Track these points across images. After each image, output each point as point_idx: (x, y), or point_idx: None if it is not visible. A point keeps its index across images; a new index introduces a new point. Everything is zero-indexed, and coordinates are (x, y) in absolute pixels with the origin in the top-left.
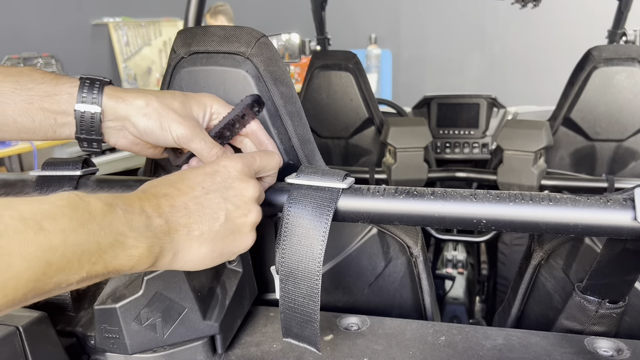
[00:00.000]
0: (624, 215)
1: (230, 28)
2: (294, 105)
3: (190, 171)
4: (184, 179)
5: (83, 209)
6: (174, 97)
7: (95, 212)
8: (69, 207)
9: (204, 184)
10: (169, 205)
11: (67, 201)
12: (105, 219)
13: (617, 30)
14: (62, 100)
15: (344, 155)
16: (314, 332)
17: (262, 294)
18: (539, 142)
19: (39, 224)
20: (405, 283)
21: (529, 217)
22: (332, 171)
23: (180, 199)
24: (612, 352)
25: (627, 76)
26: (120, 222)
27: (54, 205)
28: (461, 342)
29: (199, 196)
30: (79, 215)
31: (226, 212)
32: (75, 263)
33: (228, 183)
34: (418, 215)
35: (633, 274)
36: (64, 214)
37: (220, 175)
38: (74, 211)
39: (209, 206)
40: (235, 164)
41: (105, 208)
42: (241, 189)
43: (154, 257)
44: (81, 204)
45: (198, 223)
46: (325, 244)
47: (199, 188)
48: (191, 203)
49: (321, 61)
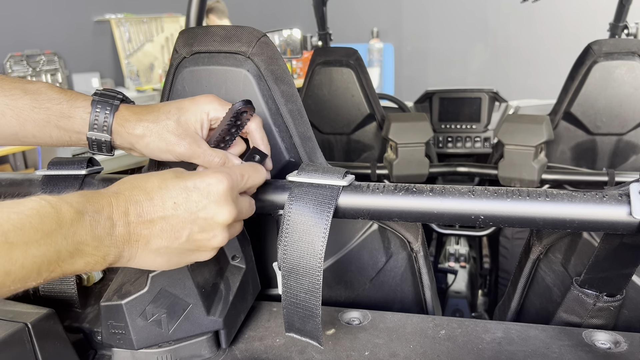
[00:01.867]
0: (619, 211)
1: (231, 28)
2: (294, 103)
3: (171, 180)
4: (161, 188)
5: (51, 219)
6: (169, 117)
7: (63, 221)
8: (37, 217)
9: (177, 200)
10: (136, 215)
11: (37, 210)
12: (71, 228)
13: (618, 23)
14: (77, 123)
15: (345, 151)
16: (316, 326)
17: (265, 290)
18: (539, 136)
19: (4, 236)
20: (406, 278)
21: (527, 213)
22: (333, 169)
23: (149, 210)
24: (610, 345)
25: (628, 70)
26: (84, 231)
27: (22, 216)
28: (461, 336)
29: (168, 212)
30: (45, 226)
31: (189, 232)
32: (34, 273)
33: (202, 204)
34: (417, 211)
35: (630, 268)
36: (31, 224)
37: (198, 193)
38: (41, 221)
39: (173, 225)
40: (219, 183)
41: (74, 216)
42: (213, 213)
43: (109, 263)
44: (51, 213)
45: (158, 238)
46: (326, 240)
47: (170, 203)
48: (158, 217)
49: (322, 57)
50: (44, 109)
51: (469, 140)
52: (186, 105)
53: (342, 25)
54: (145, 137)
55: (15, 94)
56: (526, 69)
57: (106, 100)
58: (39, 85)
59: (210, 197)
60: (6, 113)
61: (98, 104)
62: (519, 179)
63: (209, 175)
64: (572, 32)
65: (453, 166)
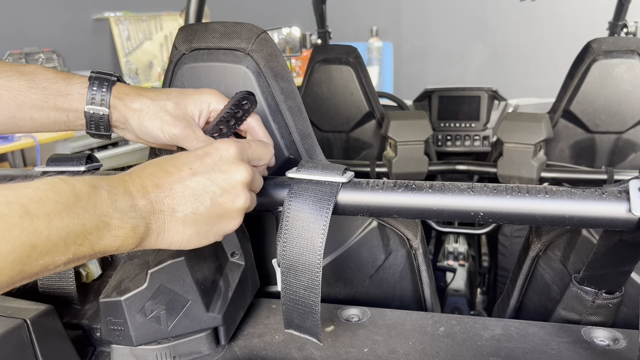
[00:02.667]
0: (618, 207)
1: (230, 24)
2: (294, 100)
3: (182, 153)
4: (173, 159)
5: (67, 192)
6: (169, 98)
7: (79, 195)
8: (53, 191)
9: (192, 165)
10: (154, 186)
11: (51, 185)
12: (90, 201)
13: (617, 22)
14: (74, 99)
15: (345, 149)
16: (315, 323)
17: (264, 286)
18: (538, 134)
19: (24, 208)
20: (405, 275)
21: (526, 210)
22: (332, 165)
23: (166, 179)
24: (609, 342)
25: (627, 68)
26: (104, 203)
27: (38, 190)
28: (460, 333)
29: (185, 178)
30: (63, 199)
31: (212, 195)
32: (61, 245)
33: (217, 166)
34: (417, 208)
35: (629, 265)
36: (48, 197)
37: (210, 158)
38: (58, 194)
39: (194, 188)
40: (229, 147)
41: (89, 190)
42: (231, 172)
43: (139, 237)
44: (65, 187)
45: (182, 205)
46: (326, 237)
47: (186, 169)
48: (176, 184)
49: (322, 55)
50: (41, 89)
51: (468, 139)
52: (189, 92)
53: (342, 23)
54: (142, 112)
55: (11, 75)
56: (525, 67)
57: (104, 77)
58: (34, 67)
59: (222, 159)
60: (3, 95)
61: (95, 80)
62: (518, 177)
63: (216, 142)
64: (571, 31)
65: (452, 164)
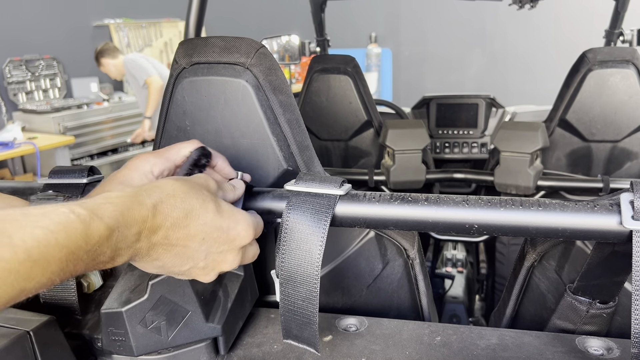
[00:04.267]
0: (610, 220)
1: (230, 39)
2: (292, 113)
3: (212, 213)
4: (199, 217)
5: (78, 235)
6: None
7: (90, 238)
8: (64, 233)
9: (206, 237)
10: (163, 237)
11: (64, 225)
12: (97, 244)
13: (614, 30)
14: None
15: (343, 158)
16: (313, 333)
17: (263, 296)
18: (535, 143)
19: (27, 253)
20: (403, 284)
21: (519, 222)
22: (330, 178)
23: (177, 236)
24: (603, 351)
25: (622, 78)
26: (108, 245)
27: (47, 231)
28: (456, 342)
29: (192, 244)
30: (71, 243)
31: (194, 265)
32: (47, 286)
33: (222, 249)
34: (412, 220)
35: (622, 275)
36: (56, 241)
37: (224, 239)
38: (67, 238)
39: (189, 256)
40: (247, 236)
41: (103, 233)
42: (224, 260)
43: (113, 265)
44: (79, 229)
45: (169, 259)
46: (323, 248)
47: (199, 239)
48: (181, 245)
49: (320, 65)
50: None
51: (466, 146)
52: (123, 173)
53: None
54: None
55: None
56: (523, 74)
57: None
58: None
59: (232, 245)
60: None
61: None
62: (515, 185)
63: (241, 223)
64: (568, 38)
65: (450, 172)
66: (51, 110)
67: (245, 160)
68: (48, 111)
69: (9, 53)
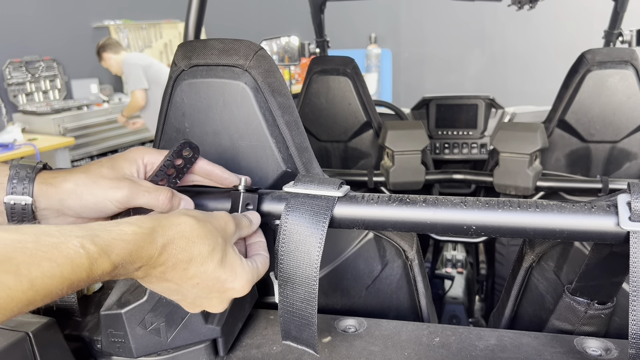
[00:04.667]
0: (607, 221)
1: (229, 41)
2: (291, 115)
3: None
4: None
5: (83, 271)
6: (101, 165)
7: (93, 273)
8: (69, 268)
9: (201, 284)
10: (161, 273)
11: (71, 260)
12: (99, 277)
13: (613, 31)
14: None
15: (342, 159)
16: (312, 335)
17: (262, 297)
18: (534, 144)
19: (31, 283)
20: (402, 285)
21: (517, 223)
22: (328, 180)
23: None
24: (601, 352)
25: (621, 79)
26: (109, 276)
27: (54, 264)
28: (455, 343)
29: (185, 284)
30: (75, 277)
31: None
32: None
33: (212, 295)
34: (411, 221)
35: (620, 276)
36: (61, 275)
37: (217, 290)
38: (73, 273)
39: (183, 292)
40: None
41: (107, 269)
42: (212, 304)
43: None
44: (85, 265)
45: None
46: (322, 250)
47: (193, 283)
48: (174, 280)
49: (319, 66)
50: None
51: (465, 147)
52: (117, 155)
53: (340, 31)
54: (78, 188)
55: None
56: (523, 74)
57: (27, 165)
58: None
59: (222, 296)
60: None
61: (17, 167)
62: (514, 186)
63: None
64: (568, 39)
65: (449, 173)
66: (51, 112)
67: (244, 162)
68: (48, 112)
69: (9, 54)
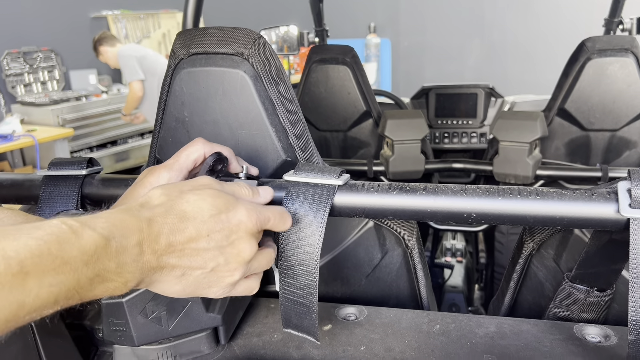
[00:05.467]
0: (608, 208)
1: (228, 29)
2: (290, 103)
3: (207, 208)
4: (196, 217)
5: (72, 245)
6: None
7: (85, 248)
8: (56, 243)
9: (211, 232)
10: (167, 244)
11: (57, 235)
12: (94, 255)
13: (613, 19)
14: None
15: (342, 148)
16: (313, 322)
17: (263, 286)
18: (534, 133)
19: (20, 264)
20: (402, 274)
21: (517, 211)
22: (329, 168)
23: (182, 239)
24: (600, 338)
25: (621, 67)
26: (109, 257)
27: (41, 242)
28: (455, 330)
29: (200, 245)
30: (65, 253)
31: (216, 265)
32: (50, 302)
33: (232, 239)
34: (411, 209)
35: (619, 263)
36: (49, 251)
37: (229, 228)
38: (61, 248)
39: (203, 256)
40: (249, 222)
41: (98, 242)
42: (240, 249)
43: (128, 288)
44: (71, 238)
45: (185, 267)
46: (322, 238)
47: (204, 236)
48: (189, 248)
49: (319, 55)
50: None
51: (465, 136)
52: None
53: (339, 20)
54: None
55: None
56: (523, 63)
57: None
58: None
59: (239, 232)
60: None
61: None
62: (514, 174)
63: (240, 210)
64: (568, 27)
65: (449, 162)
66: (50, 103)
67: (244, 151)
68: (47, 103)
69: (6, 45)
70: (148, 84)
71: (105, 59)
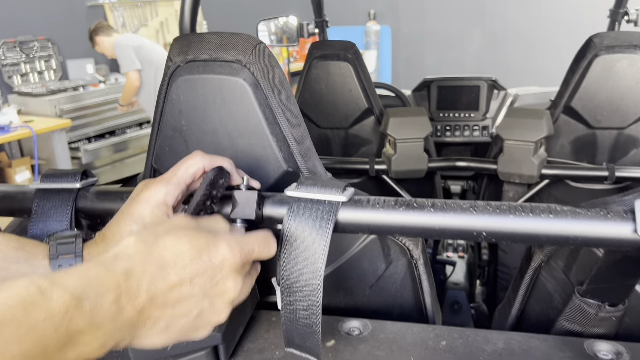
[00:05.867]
0: (624, 228)
1: (226, 35)
2: (292, 112)
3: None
4: (176, 262)
5: (40, 309)
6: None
7: (54, 311)
8: (21, 308)
9: (194, 278)
10: (149, 297)
11: (23, 298)
12: (66, 316)
13: (619, 10)
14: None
15: (343, 146)
16: (316, 343)
17: (264, 297)
18: (539, 131)
19: None
20: (406, 284)
21: (529, 230)
22: (332, 182)
23: (164, 289)
24: (612, 356)
25: (629, 63)
26: (82, 318)
27: (5, 307)
28: (462, 347)
29: (184, 291)
30: (31, 318)
31: (200, 309)
32: None
33: (217, 279)
34: (418, 227)
35: (633, 279)
36: (13, 317)
37: (212, 269)
38: (26, 313)
39: (187, 304)
40: (232, 258)
41: (70, 303)
42: (226, 288)
43: (106, 351)
44: (38, 301)
45: (169, 317)
46: (326, 256)
47: (187, 281)
48: (172, 297)
49: (320, 51)
50: None
51: (467, 129)
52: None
53: (339, 7)
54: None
55: None
56: (524, 51)
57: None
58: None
59: (224, 270)
60: None
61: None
62: (519, 174)
63: (222, 246)
64: (570, 15)
65: (452, 161)
66: (47, 93)
67: (244, 162)
68: (44, 94)
69: (2, 34)
70: (145, 73)
71: (102, 49)
